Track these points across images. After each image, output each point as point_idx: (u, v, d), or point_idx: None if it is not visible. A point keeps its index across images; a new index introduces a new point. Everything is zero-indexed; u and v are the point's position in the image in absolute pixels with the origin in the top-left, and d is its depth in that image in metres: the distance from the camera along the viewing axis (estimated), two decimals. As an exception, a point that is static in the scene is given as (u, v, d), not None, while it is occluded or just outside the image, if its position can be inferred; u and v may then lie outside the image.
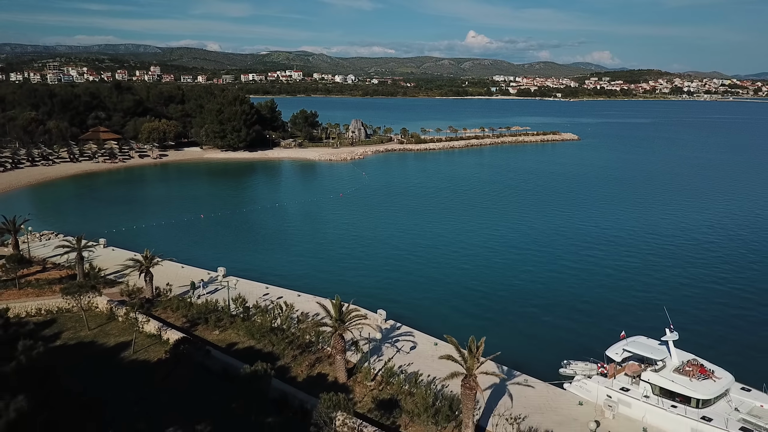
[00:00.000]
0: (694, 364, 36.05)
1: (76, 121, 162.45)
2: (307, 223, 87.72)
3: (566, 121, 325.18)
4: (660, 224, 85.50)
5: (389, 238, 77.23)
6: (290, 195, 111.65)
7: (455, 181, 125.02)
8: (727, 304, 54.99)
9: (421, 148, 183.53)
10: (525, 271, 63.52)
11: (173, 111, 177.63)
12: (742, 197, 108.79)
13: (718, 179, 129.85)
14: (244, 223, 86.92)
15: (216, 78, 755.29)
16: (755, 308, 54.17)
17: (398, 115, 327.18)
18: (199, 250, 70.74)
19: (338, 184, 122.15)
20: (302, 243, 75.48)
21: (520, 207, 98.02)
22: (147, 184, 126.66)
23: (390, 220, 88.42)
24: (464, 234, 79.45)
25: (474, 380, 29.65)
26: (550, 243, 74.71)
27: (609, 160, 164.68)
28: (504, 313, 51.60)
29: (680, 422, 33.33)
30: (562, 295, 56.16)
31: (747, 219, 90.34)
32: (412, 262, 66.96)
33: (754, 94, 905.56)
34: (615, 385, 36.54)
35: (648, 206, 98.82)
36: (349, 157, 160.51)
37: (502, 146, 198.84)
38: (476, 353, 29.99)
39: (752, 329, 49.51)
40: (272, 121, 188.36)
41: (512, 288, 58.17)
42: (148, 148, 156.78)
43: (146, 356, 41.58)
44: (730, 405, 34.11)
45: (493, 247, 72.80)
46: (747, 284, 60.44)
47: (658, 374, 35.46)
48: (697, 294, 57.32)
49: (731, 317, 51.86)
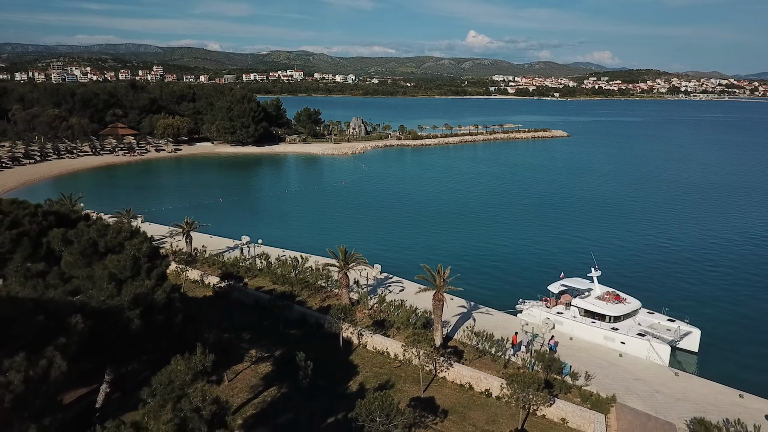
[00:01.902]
0: (611, 293, 47.89)
1: (96, 118, 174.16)
2: (314, 204, 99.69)
3: (559, 119, 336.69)
4: (596, 195, 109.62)
5: (384, 212, 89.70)
6: (297, 183, 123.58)
7: (446, 171, 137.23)
8: (641, 250, 72.48)
9: (418, 144, 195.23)
10: (493, 235, 78.54)
11: (185, 108, 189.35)
12: (669, 174, 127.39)
13: (667, 162, 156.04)
14: (258, 205, 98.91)
15: (218, 78, 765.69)
16: (664, 251, 72.55)
17: (397, 114, 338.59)
18: (223, 225, 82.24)
19: (340, 174, 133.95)
20: (310, 218, 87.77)
21: (494, 186, 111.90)
22: (166, 174, 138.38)
23: (386, 199, 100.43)
24: (449, 206, 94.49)
25: (441, 294, 41.33)
26: (511, 212, 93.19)
27: (589, 153, 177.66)
28: (475, 269, 63.62)
29: (596, 332, 45.14)
30: (518, 251, 71.01)
31: (666, 189, 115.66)
32: (402, 230, 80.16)
33: (751, 94, 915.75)
34: (553, 311, 48.38)
35: (599, 182, 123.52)
36: (350, 152, 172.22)
37: (494, 142, 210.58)
38: (443, 275, 41.65)
39: (660, 268, 65.66)
40: (278, 118, 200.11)
41: (483, 248, 71.54)
42: (163, 143, 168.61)
43: (193, 295, 53.30)
44: (635, 321, 45.99)
45: (471, 217, 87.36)
46: (659, 235, 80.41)
47: (584, 300, 47.28)
48: (619, 243, 75.68)
49: (644, 260, 68.64)
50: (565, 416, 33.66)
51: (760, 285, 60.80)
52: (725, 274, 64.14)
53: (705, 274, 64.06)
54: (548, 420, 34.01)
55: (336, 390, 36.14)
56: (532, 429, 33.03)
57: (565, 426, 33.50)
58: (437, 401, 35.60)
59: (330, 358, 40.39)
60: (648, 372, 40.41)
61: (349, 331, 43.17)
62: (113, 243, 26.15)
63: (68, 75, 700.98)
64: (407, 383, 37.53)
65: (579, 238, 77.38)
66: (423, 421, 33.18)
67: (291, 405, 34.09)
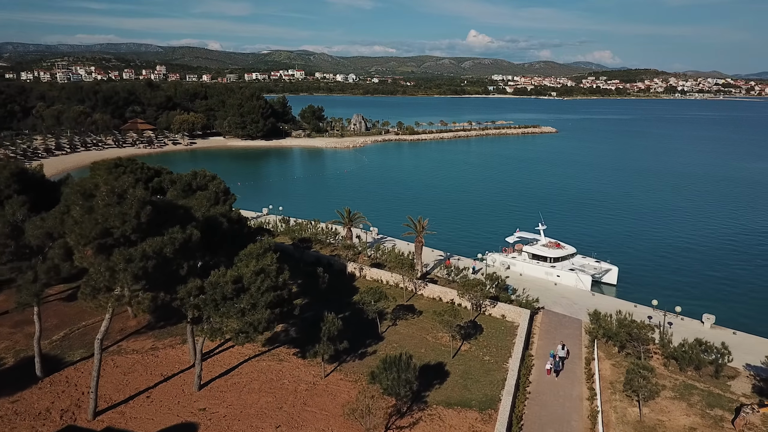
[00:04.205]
0: (553, 242, 62.42)
1: (116, 114, 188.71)
2: (321, 187, 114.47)
3: (553, 117, 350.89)
4: (555, 174, 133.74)
5: (381, 192, 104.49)
6: (304, 171, 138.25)
7: (436, 161, 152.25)
8: (580, 210, 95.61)
9: (414, 139, 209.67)
10: (468, 204, 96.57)
11: (198, 106, 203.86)
12: (618, 158, 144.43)
13: (627, 151, 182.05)
14: (273, 188, 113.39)
15: (220, 77, 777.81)
16: (598, 209, 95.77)
17: (397, 112, 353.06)
18: (244, 201, 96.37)
19: (343, 164, 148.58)
20: (318, 197, 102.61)
21: (474, 171, 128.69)
22: (183, 164, 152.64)
23: (382, 182, 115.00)
24: (436, 186, 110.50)
25: (420, 237, 55.78)
26: (482, 188, 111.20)
27: (571, 146, 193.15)
28: (451, 228, 78.60)
29: (539, 270, 59.62)
30: (484, 214, 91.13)
31: (610, 170, 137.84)
32: (396, 204, 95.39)
33: (746, 93, 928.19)
34: (509, 256, 62.88)
35: (565, 166, 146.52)
36: (351, 145, 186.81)
37: (485, 137, 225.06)
38: (422, 223, 56.08)
39: (594, 223, 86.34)
40: (284, 114, 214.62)
41: (458, 212, 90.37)
42: (179, 137, 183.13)
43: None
44: (570, 262, 60.48)
45: (452, 192, 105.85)
46: (597, 199, 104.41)
47: (532, 247, 61.79)
48: (564, 205, 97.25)
49: (582, 217, 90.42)
50: (504, 313, 48.14)
51: (671, 235, 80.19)
52: (645, 226, 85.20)
53: (628, 226, 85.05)
54: (493, 317, 48.50)
55: (343, 300, 50.55)
56: (481, 321, 47.46)
57: (504, 320, 47.96)
58: (416, 307, 50.07)
59: (339, 283, 54.81)
60: (573, 293, 54.91)
61: (353, 267, 57.69)
62: (201, 183, 40.57)
63: (73, 74, 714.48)
64: (395, 298, 51.96)
65: (532, 203, 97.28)
66: (405, 316, 47.72)
67: (314, 307, 48.45)
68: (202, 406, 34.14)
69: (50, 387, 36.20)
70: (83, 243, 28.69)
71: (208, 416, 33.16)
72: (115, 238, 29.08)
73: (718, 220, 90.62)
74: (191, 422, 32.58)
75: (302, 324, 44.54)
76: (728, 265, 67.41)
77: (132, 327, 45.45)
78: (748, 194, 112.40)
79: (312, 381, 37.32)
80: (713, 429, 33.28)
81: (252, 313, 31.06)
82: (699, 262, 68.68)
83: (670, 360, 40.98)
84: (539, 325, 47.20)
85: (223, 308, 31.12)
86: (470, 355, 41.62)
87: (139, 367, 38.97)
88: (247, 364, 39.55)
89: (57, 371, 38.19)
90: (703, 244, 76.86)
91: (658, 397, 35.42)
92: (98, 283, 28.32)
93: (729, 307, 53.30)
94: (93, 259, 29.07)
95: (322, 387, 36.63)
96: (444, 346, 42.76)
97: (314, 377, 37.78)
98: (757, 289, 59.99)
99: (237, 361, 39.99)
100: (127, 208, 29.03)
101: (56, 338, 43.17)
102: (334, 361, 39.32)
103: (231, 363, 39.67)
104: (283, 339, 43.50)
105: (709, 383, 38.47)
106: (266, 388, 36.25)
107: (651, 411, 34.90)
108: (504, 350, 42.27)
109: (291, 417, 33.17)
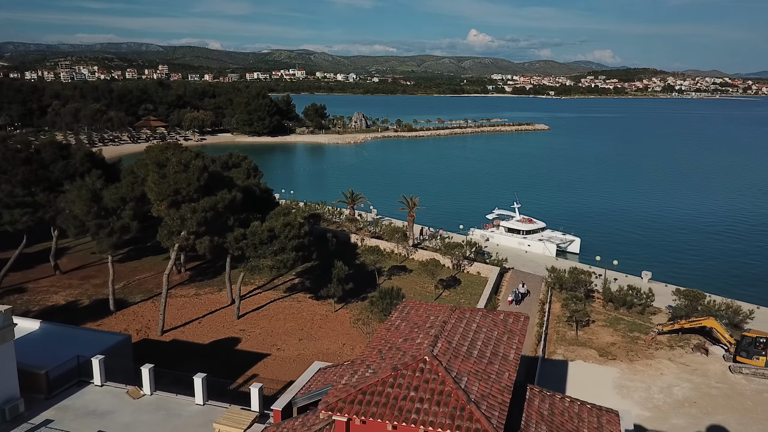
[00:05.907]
0: (526, 218, 73.23)
1: (130, 112, 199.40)
2: (324, 177, 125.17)
3: (548, 115, 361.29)
4: (537, 165, 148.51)
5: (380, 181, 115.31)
6: (308, 165, 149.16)
7: (431, 155, 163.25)
8: (550, 190, 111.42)
9: (413, 135, 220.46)
10: (455, 186, 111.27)
11: (207, 104, 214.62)
12: (596, 150, 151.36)
13: (610, 145, 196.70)
14: (281, 178, 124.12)
15: (222, 77, 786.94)
16: (566, 191, 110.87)
17: (396, 111, 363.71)
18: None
19: (344, 158, 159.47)
20: (323, 185, 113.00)
21: (464, 162, 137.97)
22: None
23: (381, 173, 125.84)
24: (429, 175, 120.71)
25: (413, 212, 66.48)
26: (470, 175, 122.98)
27: (560, 142, 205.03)
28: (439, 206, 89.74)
29: (513, 241, 70.47)
30: (468, 196, 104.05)
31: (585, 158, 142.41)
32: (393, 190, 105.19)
33: (743, 92, 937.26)
34: (488, 231, 73.63)
35: (550, 159, 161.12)
36: (352, 141, 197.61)
37: (481, 134, 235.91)
38: (414, 200, 66.79)
39: (561, 201, 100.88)
40: (288, 112, 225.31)
41: (444, 192, 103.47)
42: (190, 133, 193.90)
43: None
44: (541, 234, 71.19)
45: (443, 180, 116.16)
46: (566, 183, 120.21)
47: (508, 222, 72.60)
48: (537, 187, 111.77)
49: (551, 196, 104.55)
50: (480, 270, 58.89)
51: (630, 211, 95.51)
52: (607, 205, 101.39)
53: (593, 206, 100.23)
54: (470, 273, 59.22)
55: (348, 261, 61.14)
56: (460, 277, 58.14)
57: (479, 276, 58.68)
58: (408, 267, 60.77)
59: (344, 249, 65.43)
60: (539, 258, 65.69)
61: (355, 238, 68.41)
62: (236, 161, 51.35)
63: (76, 74, 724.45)
64: (392, 262, 62.60)
65: (512, 187, 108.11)
66: (398, 273, 58.44)
67: (323, 266, 59.02)
68: (242, 328, 44.87)
69: (123, 317, 46.90)
70: (160, 199, 39.41)
71: (247, 334, 43.87)
72: (183, 196, 39.78)
73: (669, 200, 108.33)
74: (235, 337, 43.27)
75: (315, 277, 55.27)
76: (670, 235, 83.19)
77: (176, 280, 56.11)
78: (696, 178, 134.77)
79: (325, 314, 48.04)
80: (630, 344, 43.97)
81: (282, 253, 41.74)
82: (648, 233, 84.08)
83: (608, 302, 51.66)
84: (508, 280, 57.89)
85: (260, 250, 41.81)
86: (449, 299, 52.32)
87: (188, 305, 49.65)
88: (273, 304, 50.26)
89: (125, 308, 48.89)
90: (655, 219, 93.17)
91: (592, 324, 46.17)
92: (172, 228, 39.01)
93: (667, 267, 64.32)
94: (167, 211, 39.77)
95: (332, 317, 47.37)
96: (429, 292, 53.48)
97: (326, 311, 48.50)
98: (690, 250, 75.17)
99: (265, 302, 50.69)
100: (191, 174, 39.72)
101: (118, 287, 53.85)
102: (341, 302, 50.00)
103: (260, 303, 50.38)
104: (300, 288, 54.21)
105: (635, 317, 49.17)
106: (290, 318, 47.02)
107: (584, 333, 45.58)
108: (476, 296, 52.94)
109: (310, 334, 43.91)
